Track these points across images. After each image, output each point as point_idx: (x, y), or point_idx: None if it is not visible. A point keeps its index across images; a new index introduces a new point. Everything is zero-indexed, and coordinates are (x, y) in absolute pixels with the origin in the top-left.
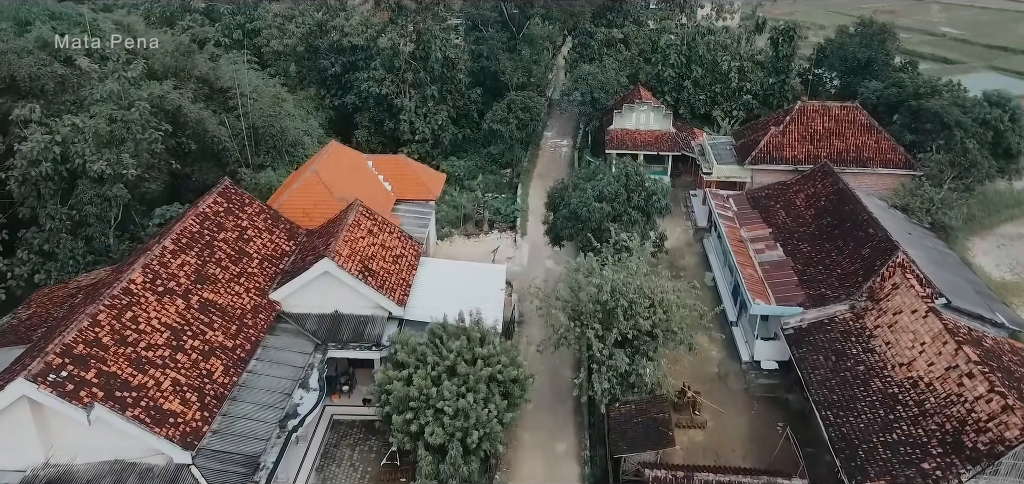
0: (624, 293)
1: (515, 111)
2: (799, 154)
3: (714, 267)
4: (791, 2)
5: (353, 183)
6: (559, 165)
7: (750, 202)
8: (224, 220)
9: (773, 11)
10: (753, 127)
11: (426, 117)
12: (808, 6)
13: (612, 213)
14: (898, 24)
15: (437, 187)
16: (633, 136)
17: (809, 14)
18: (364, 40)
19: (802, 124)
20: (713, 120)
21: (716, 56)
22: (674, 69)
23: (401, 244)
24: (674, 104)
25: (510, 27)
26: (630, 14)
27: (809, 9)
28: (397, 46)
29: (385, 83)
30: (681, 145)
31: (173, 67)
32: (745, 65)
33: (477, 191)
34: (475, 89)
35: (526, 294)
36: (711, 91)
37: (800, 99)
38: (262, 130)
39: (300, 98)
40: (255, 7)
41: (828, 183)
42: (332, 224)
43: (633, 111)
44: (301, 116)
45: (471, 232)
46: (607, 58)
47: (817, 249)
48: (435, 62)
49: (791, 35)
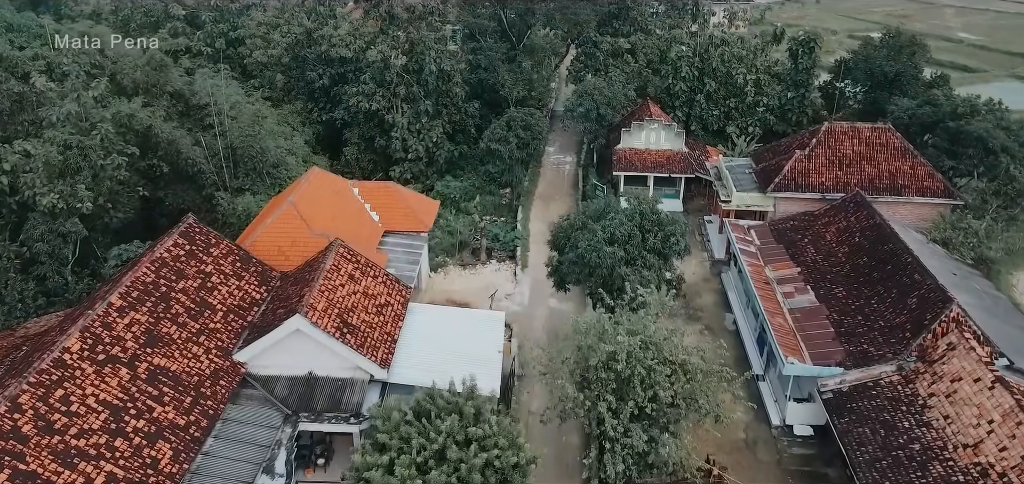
0: (642, 360)
1: (515, 129)
2: (827, 181)
3: (735, 307)
4: (799, 6)
5: (337, 215)
6: (562, 184)
7: (774, 235)
8: (185, 266)
9: (781, 16)
10: (775, 149)
11: (420, 134)
12: (818, 10)
13: (625, 257)
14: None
15: (429, 217)
16: (642, 156)
17: (820, 19)
18: (352, 52)
19: (829, 147)
20: (727, 137)
21: (731, 68)
22: (686, 82)
23: (387, 290)
24: (685, 119)
25: (510, 36)
26: (637, 22)
27: (819, 14)
28: (388, 59)
29: (375, 98)
30: (695, 167)
31: (144, 82)
32: (762, 78)
33: (474, 214)
34: (473, 103)
35: (527, 340)
36: (725, 105)
37: (823, 117)
38: (241, 151)
39: (285, 112)
40: (239, 14)
41: (862, 216)
42: (309, 267)
43: (642, 129)
44: (286, 133)
45: (468, 262)
46: (613, 69)
47: (854, 294)
48: (429, 75)
49: (811, 46)
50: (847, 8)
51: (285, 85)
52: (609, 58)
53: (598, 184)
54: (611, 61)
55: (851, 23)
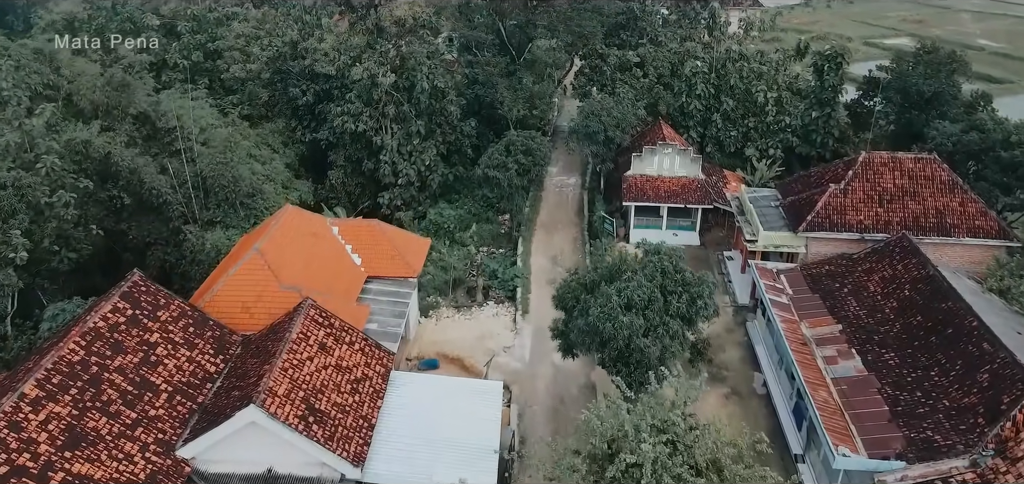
0: (669, 468)
1: (515, 154)
2: (866, 219)
3: (765, 366)
4: (811, 11)
5: (311, 261)
6: (566, 211)
7: (808, 282)
8: (125, 336)
9: (792, 21)
10: (804, 180)
11: (411, 156)
12: (830, 16)
13: (645, 325)
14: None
15: (419, 259)
16: (655, 184)
17: (833, 24)
18: (336, 69)
19: (868, 181)
20: (746, 159)
21: (750, 85)
22: (701, 101)
23: (365, 360)
24: (700, 140)
25: (508, 49)
26: (646, 32)
27: (832, 19)
28: (375, 77)
29: (362, 118)
30: (713, 197)
31: (104, 104)
32: (783, 95)
33: (470, 246)
34: (469, 121)
35: (529, 405)
36: (744, 125)
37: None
38: (211, 180)
39: (266, 132)
40: (218, 25)
41: (911, 265)
42: (274, 333)
43: (655, 154)
44: (264, 156)
45: (462, 303)
46: (621, 85)
47: (909, 362)
48: (421, 93)
49: (839, 62)
50: (859, 13)
51: (268, 101)
52: (616, 72)
53: (606, 216)
54: (618, 75)
55: (866, 29)
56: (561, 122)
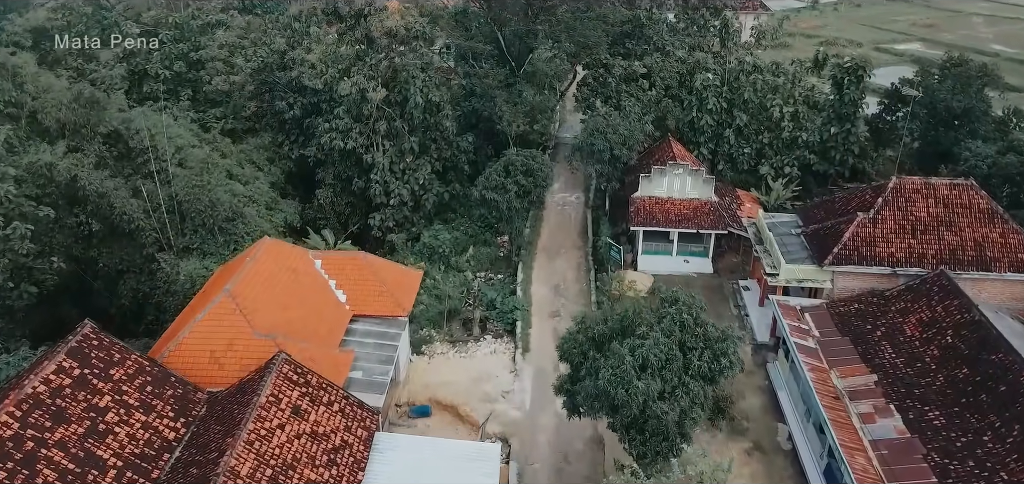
0: None
1: (514, 175)
2: (898, 252)
3: (789, 416)
4: (818, 14)
5: (290, 302)
6: (569, 232)
7: (836, 322)
8: (69, 402)
9: (799, 25)
10: (827, 206)
11: (404, 175)
12: (837, 19)
13: (662, 387)
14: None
15: (409, 295)
16: (664, 207)
17: (841, 28)
18: (323, 83)
19: (899, 209)
20: (761, 178)
21: (764, 99)
22: (713, 115)
23: (345, 424)
24: (711, 157)
25: (507, 59)
26: (653, 41)
27: (839, 23)
28: (365, 92)
29: (351, 135)
30: (727, 221)
31: (72, 123)
32: (800, 110)
33: (466, 272)
34: (466, 136)
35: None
36: (757, 141)
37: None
38: (186, 204)
39: (250, 148)
40: (201, 33)
41: (952, 307)
42: (243, 393)
43: (664, 174)
44: (248, 174)
45: (458, 338)
46: (626, 97)
47: (957, 423)
48: (414, 108)
49: (859, 74)
50: (867, 17)
51: (254, 114)
52: (621, 83)
53: (612, 243)
54: (624, 87)
55: (875, 34)
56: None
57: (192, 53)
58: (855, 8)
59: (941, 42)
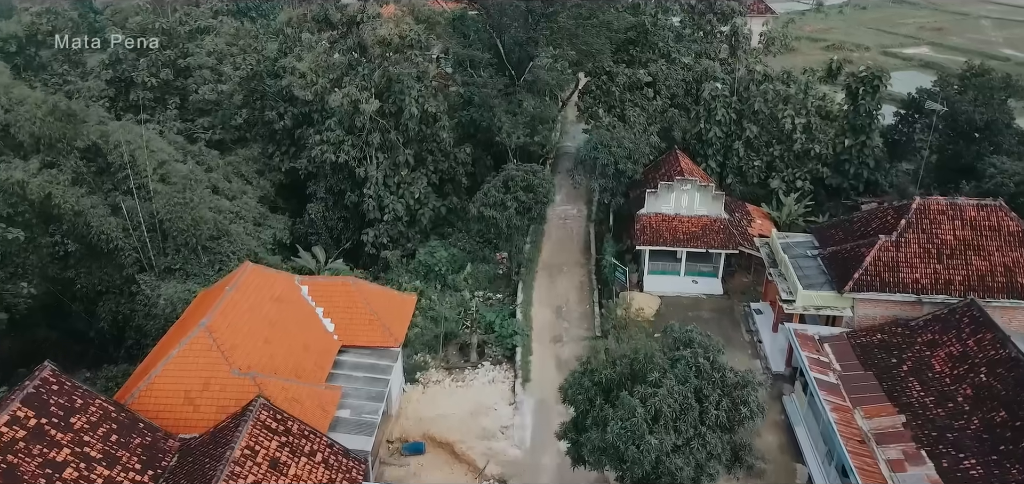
0: None
1: (514, 191)
2: (923, 278)
3: (809, 456)
4: (823, 17)
5: (273, 335)
6: (571, 248)
7: (858, 354)
8: (22, 458)
9: (804, 28)
10: (845, 227)
11: (398, 188)
12: (843, 22)
13: (676, 441)
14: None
15: (401, 325)
16: (672, 225)
17: (848, 32)
18: (313, 93)
19: (924, 231)
20: (772, 192)
21: (775, 110)
22: (722, 127)
23: (329, 476)
24: (719, 170)
25: (507, 67)
26: (658, 48)
27: (845, 26)
28: (358, 103)
29: (343, 147)
30: (738, 240)
31: (47, 137)
32: (813, 121)
33: (464, 291)
34: (464, 148)
35: None
36: (768, 154)
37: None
38: (168, 223)
39: (239, 159)
40: (189, 39)
41: (986, 342)
42: (215, 445)
43: (672, 191)
44: (236, 188)
45: (454, 365)
46: (631, 107)
47: (994, 474)
48: (409, 119)
49: (875, 84)
50: (873, 19)
51: (243, 124)
52: (626, 92)
53: (617, 264)
54: (628, 96)
55: (882, 37)
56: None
57: (180, 60)
58: (861, 11)
59: (950, 46)
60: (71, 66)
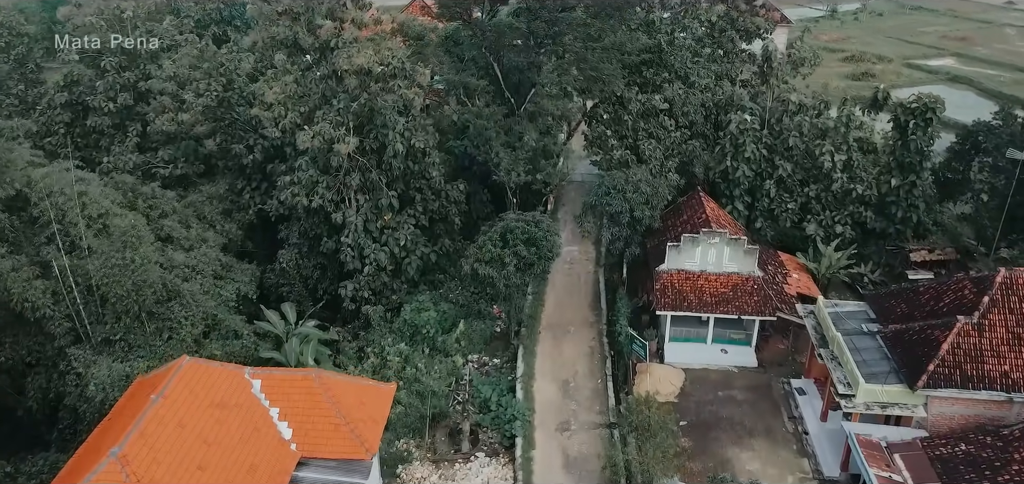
0: None
1: (514, 245)
2: (1014, 371)
3: None
4: (839, 25)
5: (212, 451)
6: (579, 301)
7: (940, 472)
8: None
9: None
10: (908, 298)
11: (381, 234)
12: (861, 31)
13: None
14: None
15: (375, 428)
16: (697, 285)
17: (866, 41)
18: (281, 129)
19: (1011, 311)
20: (807, 239)
21: (811, 144)
22: (751, 165)
23: None
24: (747, 213)
25: (505, 92)
26: (674, 68)
27: (864, 35)
28: (332, 143)
29: (318, 190)
30: (775, 304)
31: None
32: (855, 158)
33: (456, 357)
34: (457, 184)
35: None
36: (803, 194)
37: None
38: (104, 287)
39: (202, 199)
40: (151, 60)
41: None
42: None
43: (697, 244)
44: (194, 236)
45: (443, 455)
46: (645, 139)
47: None
48: (394, 157)
49: (928, 117)
50: (892, 27)
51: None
52: (639, 121)
53: (634, 335)
54: (642, 125)
55: (903, 47)
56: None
57: (141, 83)
58: (877, 18)
59: (976, 57)
60: (28, 86)
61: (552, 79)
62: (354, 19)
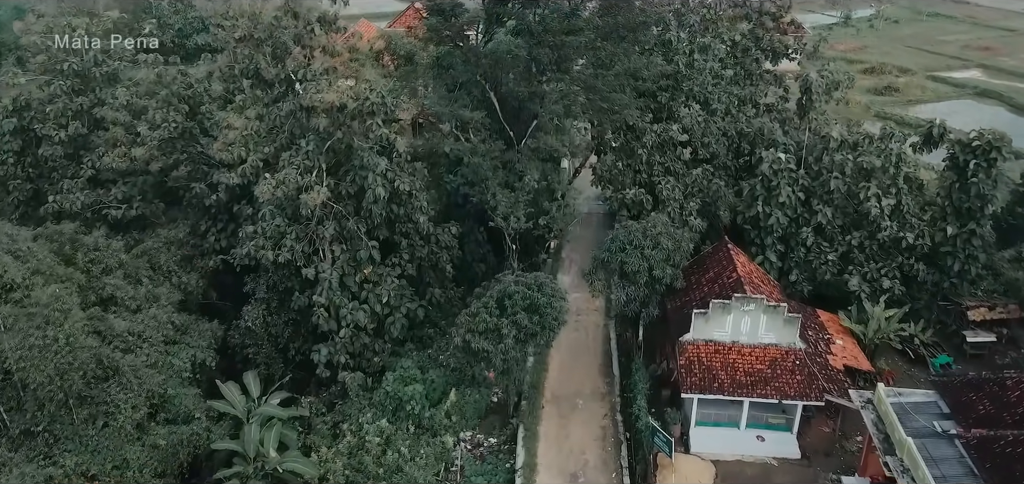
0: None
1: (513, 313)
2: None
3: None
4: (854, 33)
5: None
6: (587, 366)
7: None
8: None
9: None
10: (993, 393)
11: (361, 290)
12: (877, 40)
13: None
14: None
15: None
16: (729, 360)
17: (886, 52)
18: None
19: None
20: (849, 295)
21: (853, 185)
22: (787, 210)
23: None
24: (780, 263)
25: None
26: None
27: (882, 45)
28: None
29: (286, 242)
30: (822, 384)
31: None
32: (905, 202)
33: (445, 436)
34: (449, 227)
35: None
36: (844, 242)
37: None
38: (20, 372)
39: (157, 246)
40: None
41: None
42: None
43: (728, 311)
44: (142, 295)
45: None
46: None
47: None
48: (374, 203)
49: (993, 157)
50: (911, 36)
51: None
52: (654, 154)
53: (658, 428)
54: (657, 159)
55: (925, 58)
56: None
57: (95, 109)
58: (893, 25)
59: (1003, 69)
60: None
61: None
62: (325, 47)
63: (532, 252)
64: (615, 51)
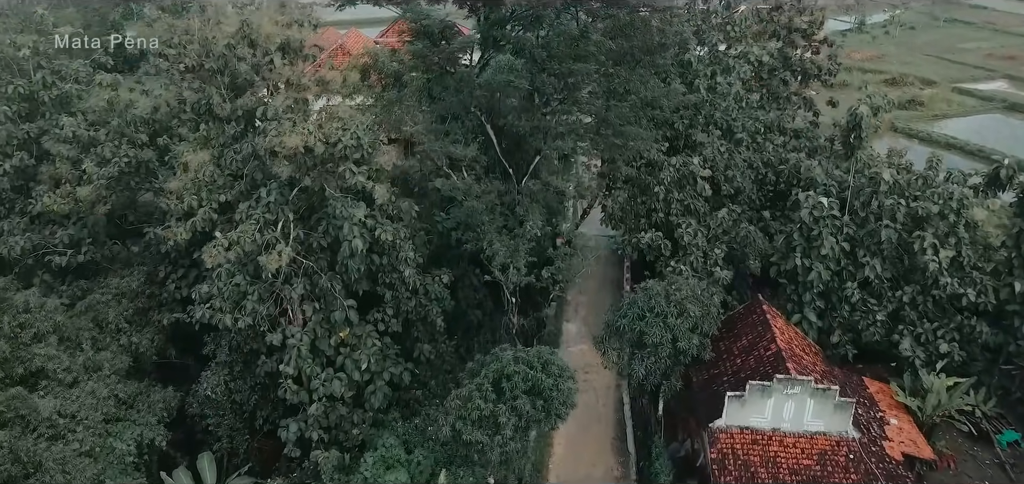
0: None
1: (512, 396)
2: None
3: None
4: (870, 41)
5: None
6: (599, 440)
7: None
8: None
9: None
10: None
11: (336, 355)
12: (896, 49)
13: None
14: None
15: None
16: (770, 453)
17: (905, 61)
18: (188, 230)
19: None
20: (903, 362)
21: (905, 233)
22: (829, 264)
23: None
24: (819, 321)
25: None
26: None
27: (901, 54)
28: (260, 249)
29: (247, 304)
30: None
31: None
32: (966, 254)
33: None
34: (439, 275)
35: None
36: (894, 298)
37: None
38: None
39: (105, 300)
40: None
41: None
42: None
43: (769, 396)
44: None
45: None
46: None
47: None
48: (350, 257)
49: None
50: (929, 44)
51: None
52: (672, 191)
53: None
54: (676, 195)
55: (947, 68)
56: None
57: (44, 137)
58: (909, 32)
59: None
60: None
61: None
62: (289, 80)
63: (535, 303)
64: (630, 77)
